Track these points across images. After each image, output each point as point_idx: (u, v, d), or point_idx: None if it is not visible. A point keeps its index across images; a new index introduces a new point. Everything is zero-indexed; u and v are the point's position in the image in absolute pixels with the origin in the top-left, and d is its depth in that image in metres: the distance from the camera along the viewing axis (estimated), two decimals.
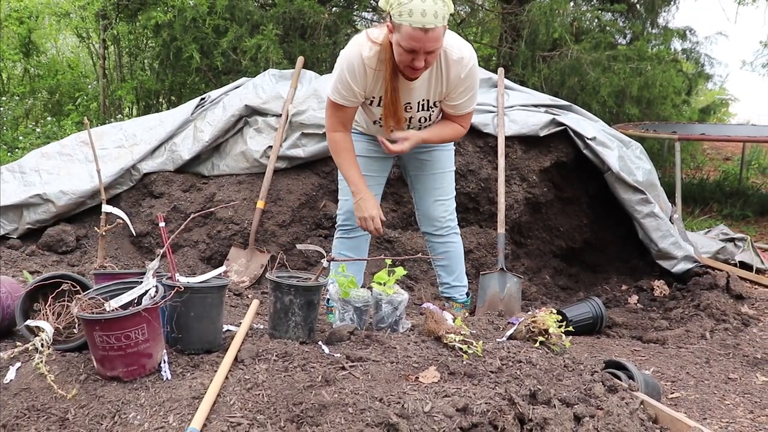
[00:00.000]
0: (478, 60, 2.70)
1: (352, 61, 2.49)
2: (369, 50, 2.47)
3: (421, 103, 2.65)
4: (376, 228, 2.68)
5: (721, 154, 10.21)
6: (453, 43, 2.52)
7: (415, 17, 2.24)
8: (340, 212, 2.94)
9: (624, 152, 4.05)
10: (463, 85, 2.58)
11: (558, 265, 4.39)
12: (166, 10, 6.43)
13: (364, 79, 2.52)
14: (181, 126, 4.06)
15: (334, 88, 2.56)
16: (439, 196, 2.96)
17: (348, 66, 2.49)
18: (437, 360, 2.01)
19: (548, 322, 2.27)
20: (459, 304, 3.13)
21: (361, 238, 2.94)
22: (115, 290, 1.95)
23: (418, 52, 2.32)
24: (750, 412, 2.41)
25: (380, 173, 2.96)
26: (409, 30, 2.27)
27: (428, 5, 2.24)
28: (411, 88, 2.58)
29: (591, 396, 1.94)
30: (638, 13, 8.29)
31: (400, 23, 2.28)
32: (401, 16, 2.27)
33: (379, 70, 2.50)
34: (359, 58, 2.48)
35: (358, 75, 2.50)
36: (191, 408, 1.66)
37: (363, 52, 2.48)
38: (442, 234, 3.01)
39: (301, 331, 2.14)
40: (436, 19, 2.25)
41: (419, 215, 3.06)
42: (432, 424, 1.67)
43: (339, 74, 2.53)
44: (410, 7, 2.24)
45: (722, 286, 3.77)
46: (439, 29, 2.29)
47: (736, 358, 3.00)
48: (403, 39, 2.31)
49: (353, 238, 2.93)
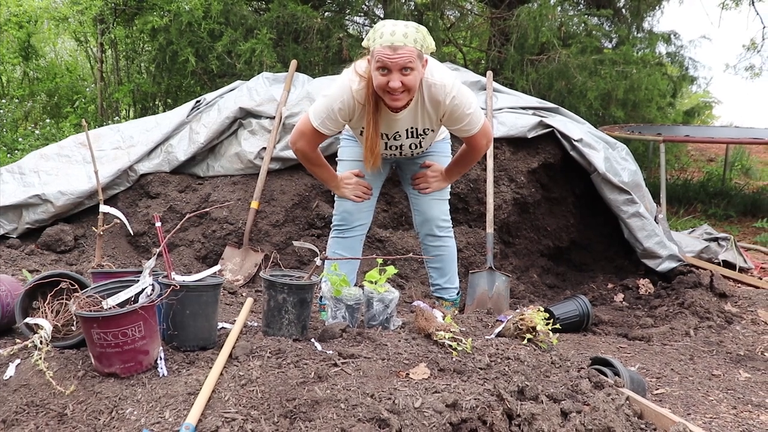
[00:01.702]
0: (467, 64, 2.74)
1: (343, 95, 2.54)
2: (358, 84, 2.53)
3: (409, 131, 2.70)
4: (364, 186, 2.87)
5: (705, 156, 10.29)
6: (434, 72, 2.56)
7: (384, 38, 2.35)
8: (336, 213, 2.97)
9: (610, 153, 4.09)
10: (456, 111, 2.59)
11: (545, 264, 4.42)
12: (163, 15, 6.45)
13: (352, 112, 2.58)
14: (176, 128, 4.08)
15: (319, 116, 2.59)
16: (435, 197, 2.99)
17: (339, 99, 2.55)
18: (427, 357, 2.02)
19: (536, 319, 2.28)
20: (448, 302, 3.15)
21: (355, 238, 2.96)
22: (113, 288, 1.96)
23: (389, 69, 2.36)
24: (733, 408, 2.42)
25: (377, 179, 2.99)
26: (378, 49, 2.36)
27: (398, 28, 2.36)
28: (397, 120, 2.63)
29: (578, 392, 1.96)
30: (624, 17, 8.37)
31: (374, 48, 2.38)
32: (374, 41, 2.38)
33: (366, 104, 2.56)
34: (349, 92, 2.53)
35: (347, 108, 2.56)
36: (187, 404, 1.68)
37: (353, 86, 2.53)
38: (438, 236, 3.03)
39: (294, 328, 2.15)
40: (405, 39, 2.34)
41: (417, 217, 3.05)
42: (422, 419, 1.67)
43: (328, 105, 2.57)
44: (381, 32, 2.37)
45: (706, 285, 3.80)
46: (409, 48, 2.35)
47: (720, 355, 3.02)
48: (375, 60, 2.38)
49: (348, 238, 2.95)
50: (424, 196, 2.99)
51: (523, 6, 7.15)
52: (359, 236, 2.97)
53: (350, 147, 2.95)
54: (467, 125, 2.64)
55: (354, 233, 2.94)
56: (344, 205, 2.91)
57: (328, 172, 2.85)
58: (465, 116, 2.61)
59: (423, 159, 2.95)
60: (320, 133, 2.63)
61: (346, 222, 2.92)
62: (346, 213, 2.90)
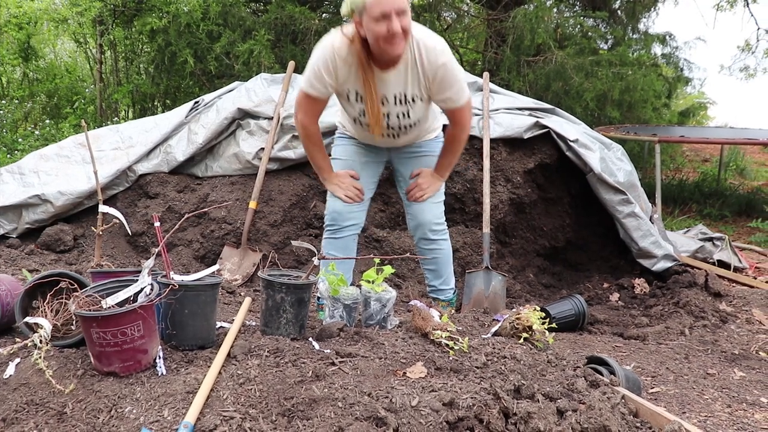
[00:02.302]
0: (464, 65, 2.76)
1: (324, 52, 2.58)
2: (340, 41, 2.56)
3: (397, 97, 2.68)
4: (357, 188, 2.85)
5: (699, 156, 10.31)
6: (425, 33, 2.61)
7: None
8: (327, 212, 2.97)
9: (605, 154, 4.11)
10: (447, 76, 2.61)
11: (541, 264, 4.43)
12: (161, 16, 6.47)
13: (335, 70, 2.59)
14: (175, 128, 4.09)
15: (307, 78, 2.64)
16: (430, 200, 2.97)
17: (321, 56, 2.58)
18: (424, 356, 2.03)
19: (532, 319, 2.28)
20: (444, 302, 3.15)
21: (348, 237, 2.95)
22: (112, 288, 1.96)
23: (388, 14, 2.40)
24: (728, 406, 2.42)
25: (371, 178, 2.99)
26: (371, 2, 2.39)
27: None
28: (386, 81, 2.62)
29: (573, 391, 1.97)
30: (619, 19, 8.40)
31: (363, 5, 2.41)
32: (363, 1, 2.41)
33: (351, 64, 2.57)
34: (330, 49, 2.57)
35: (330, 65, 2.57)
36: (185, 402, 1.68)
37: (334, 43, 2.57)
38: (432, 239, 3.02)
39: (292, 327, 2.16)
40: None
41: (411, 219, 3.04)
42: (419, 418, 1.68)
43: (312, 65, 2.62)
44: None
45: (701, 284, 3.81)
46: None
47: (715, 354, 3.02)
48: (371, 11, 2.41)
49: (340, 238, 2.94)
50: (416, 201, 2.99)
51: (520, 8, 7.18)
52: (352, 236, 2.96)
53: (344, 146, 2.95)
54: (456, 94, 2.66)
55: (346, 233, 2.93)
56: (335, 206, 2.91)
57: (324, 160, 2.87)
58: (455, 82, 2.64)
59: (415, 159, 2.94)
60: (312, 97, 2.65)
61: (337, 222, 2.91)
62: (336, 213, 2.90)
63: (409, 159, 2.96)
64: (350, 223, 2.92)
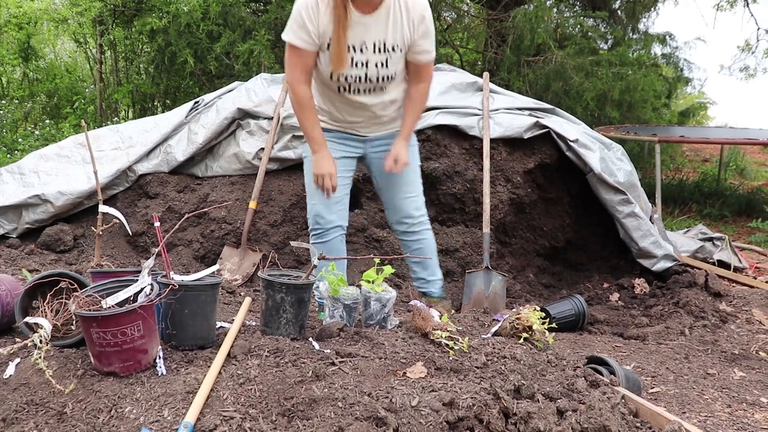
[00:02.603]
0: (464, 65, 2.78)
1: None
2: None
3: (376, 45, 2.64)
4: (333, 185, 2.77)
5: (699, 156, 10.32)
6: None
7: None
8: (309, 216, 2.94)
9: (605, 154, 4.11)
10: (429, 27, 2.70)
11: (541, 264, 4.44)
12: (161, 16, 6.47)
13: (317, 15, 2.55)
14: (175, 128, 4.09)
15: (290, 28, 2.60)
16: (408, 193, 2.97)
17: (303, 3, 2.55)
18: (424, 356, 2.03)
19: (532, 319, 2.28)
20: (436, 299, 3.13)
21: (335, 239, 2.93)
22: (112, 288, 1.96)
23: None
24: (728, 406, 2.42)
25: (345, 173, 2.94)
26: None
27: None
28: (366, 25, 2.60)
29: (573, 391, 1.97)
30: (619, 19, 8.40)
31: None
32: None
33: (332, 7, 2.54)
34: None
35: (312, 11, 2.54)
36: (185, 402, 1.68)
37: None
38: (415, 231, 3.02)
39: (292, 327, 2.15)
40: None
41: (390, 214, 3.05)
42: (419, 418, 1.68)
43: (294, 13, 2.58)
44: None
45: (701, 284, 3.81)
46: None
47: (715, 354, 3.02)
48: None
49: (327, 241, 2.92)
50: (396, 194, 2.98)
51: (520, 8, 7.18)
52: (338, 237, 2.94)
53: None
54: (431, 45, 2.76)
55: (332, 235, 2.92)
56: (315, 209, 2.89)
57: (315, 129, 2.75)
58: (432, 34, 2.73)
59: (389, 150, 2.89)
60: (298, 48, 2.60)
61: (321, 225, 2.90)
62: (318, 216, 2.88)
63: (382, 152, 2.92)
64: (334, 225, 2.91)
